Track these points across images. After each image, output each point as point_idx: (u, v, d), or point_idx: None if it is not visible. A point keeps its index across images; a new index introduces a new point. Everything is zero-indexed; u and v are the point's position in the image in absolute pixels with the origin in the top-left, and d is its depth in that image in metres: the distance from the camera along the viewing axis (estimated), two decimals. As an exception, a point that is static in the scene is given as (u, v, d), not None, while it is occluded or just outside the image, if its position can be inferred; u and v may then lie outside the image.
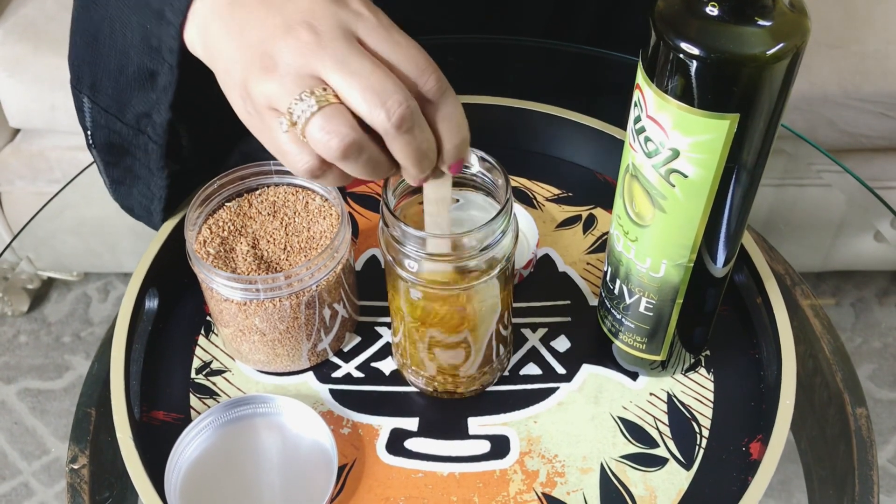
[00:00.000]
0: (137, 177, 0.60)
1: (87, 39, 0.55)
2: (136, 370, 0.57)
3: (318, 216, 0.56)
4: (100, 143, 0.59)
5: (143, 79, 0.53)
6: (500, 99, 0.70)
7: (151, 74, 0.53)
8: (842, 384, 0.61)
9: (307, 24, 0.41)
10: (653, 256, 0.48)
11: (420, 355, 0.54)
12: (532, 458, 0.53)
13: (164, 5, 0.48)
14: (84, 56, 0.56)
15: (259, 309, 0.52)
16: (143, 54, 0.52)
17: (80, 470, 0.56)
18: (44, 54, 1.21)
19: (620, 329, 0.54)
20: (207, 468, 0.52)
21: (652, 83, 0.41)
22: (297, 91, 0.41)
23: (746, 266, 0.60)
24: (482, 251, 0.47)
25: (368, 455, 0.54)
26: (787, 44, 0.38)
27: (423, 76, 0.42)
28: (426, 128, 0.43)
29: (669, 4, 0.40)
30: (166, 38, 0.49)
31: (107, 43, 0.54)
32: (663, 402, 0.56)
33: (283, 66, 0.42)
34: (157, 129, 0.55)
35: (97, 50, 0.55)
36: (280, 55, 0.42)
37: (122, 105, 0.56)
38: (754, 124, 0.41)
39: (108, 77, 0.55)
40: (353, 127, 0.41)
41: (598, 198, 0.68)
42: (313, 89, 0.41)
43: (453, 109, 0.43)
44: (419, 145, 0.42)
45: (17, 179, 1.32)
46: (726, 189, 0.44)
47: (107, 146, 0.59)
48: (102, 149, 0.59)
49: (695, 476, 0.53)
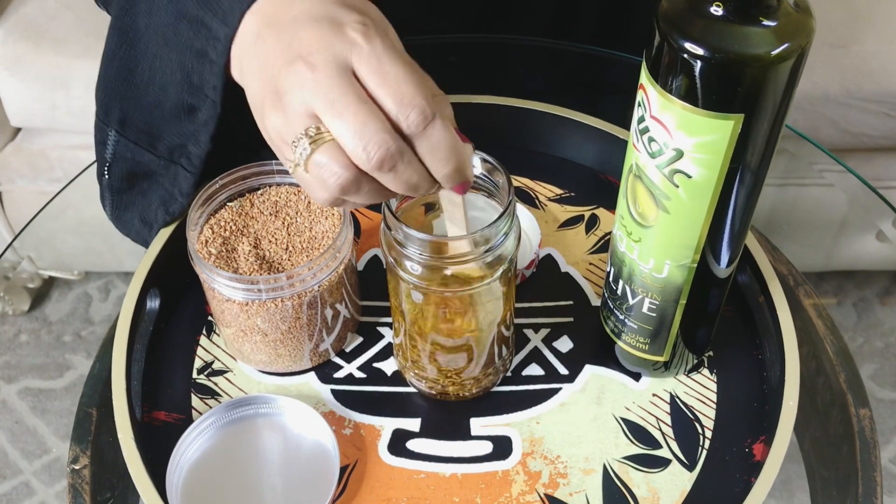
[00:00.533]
0: (149, 203, 0.60)
1: (122, 74, 0.56)
2: (137, 370, 0.57)
3: (321, 216, 0.56)
4: (117, 175, 0.60)
5: (181, 112, 0.54)
6: (502, 98, 0.69)
7: (191, 109, 0.53)
8: (845, 385, 0.61)
9: (304, 59, 0.42)
10: (656, 257, 0.48)
11: (422, 357, 0.53)
12: (534, 459, 0.53)
13: (207, 45, 0.49)
14: (117, 91, 0.56)
15: (261, 309, 0.52)
16: (182, 91, 0.53)
17: (82, 470, 0.56)
18: (45, 53, 1.21)
19: (623, 330, 0.54)
20: (209, 469, 0.52)
21: (656, 83, 0.41)
22: (299, 128, 0.43)
23: (750, 266, 0.59)
24: (485, 253, 0.47)
25: (370, 456, 0.54)
26: (791, 44, 0.38)
27: (404, 111, 0.42)
28: (413, 161, 0.43)
29: (673, 4, 0.40)
30: (209, 76, 0.51)
31: (144, 79, 0.55)
32: (666, 403, 0.56)
33: (286, 102, 0.43)
34: (194, 160, 0.56)
35: (132, 85, 0.55)
36: (284, 91, 0.43)
37: (155, 138, 0.57)
38: (759, 125, 0.41)
39: (141, 112, 0.56)
40: (345, 166, 0.42)
41: (600, 198, 0.68)
42: (307, 130, 0.42)
43: (439, 141, 0.43)
44: (407, 179, 0.43)
45: (18, 178, 1.32)
46: (730, 189, 0.44)
47: (126, 176, 0.60)
48: (118, 178, 0.60)
49: (698, 477, 0.52)
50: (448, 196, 0.47)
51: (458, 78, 0.80)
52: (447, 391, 0.55)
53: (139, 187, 0.60)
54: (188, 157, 0.56)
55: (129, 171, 0.59)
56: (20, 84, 1.22)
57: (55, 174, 1.31)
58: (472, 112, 0.69)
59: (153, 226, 0.61)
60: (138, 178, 0.60)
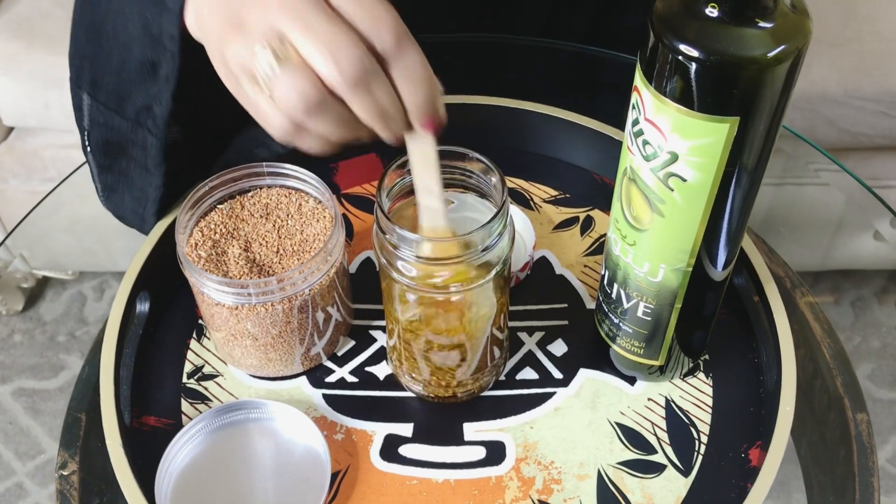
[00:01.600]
0: (132, 181, 0.59)
1: (88, 35, 0.55)
2: (126, 375, 0.57)
3: (312, 218, 0.55)
4: (96, 143, 0.59)
5: (146, 71, 0.53)
6: (496, 99, 0.69)
7: (153, 66, 0.52)
8: (842, 389, 0.60)
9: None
10: (651, 261, 0.47)
11: (415, 359, 0.53)
12: (528, 465, 0.53)
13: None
14: (85, 51, 0.56)
15: (251, 313, 0.51)
16: (144, 45, 0.52)
17: (70, 476, 0.55)
18: (38, 52, 1.20)
19: (618, 333, 0.53)
20: (199, 475, 0.52)
21: (650, 85, 0.40)
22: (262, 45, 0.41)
23: (746, 269, 0.59)
24: (480, 254, 0.46)
25: (362, 461, 0.53)
26: (788, 46, 0.37)
27: (377, 30, 0.41)
28: (386, 84, 0.42)
29: (668, 5, 0.39)
30: (167, 25, 0.49)
31: (109, 37, 0.54)
32: (661, 408, 0.55)
33: (248, 26, 0.42)
34: (158, 121, 0.54)
35: (99, 45, 0.55)
36: (248, 16, 0.42)
37: (123, 99, 0.56)
38: (755, 127, 0.40)
39: (109, 72, 0.55)
40: (314, 84, 0.41)
41: (595, 199, 0.67)
42: (270, 42, 0.41)
43: (413, 64, 0.42)
44: (378, 103, 0.42)
45: (11, 178, 1.32)
46: (726, 193, 0.43)
47: (103, 146, 0.58)
48: (98, 150, 0.59)
49: (693, 483, 0.52)
50: (420, 151, 0.45)
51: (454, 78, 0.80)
52: (440, 394, 0.55)
53: (119, 165, 0.59)
54: (153, 119, 0.55)
55: (105, 140, 0.58)
56: (13, 83, 1.21)
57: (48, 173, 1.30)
58: (467, 112, 0.68)
59: (145, 206, 0.60)
60: (115, 152, 0.59)
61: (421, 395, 0.56)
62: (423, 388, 0.55)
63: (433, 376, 0.54)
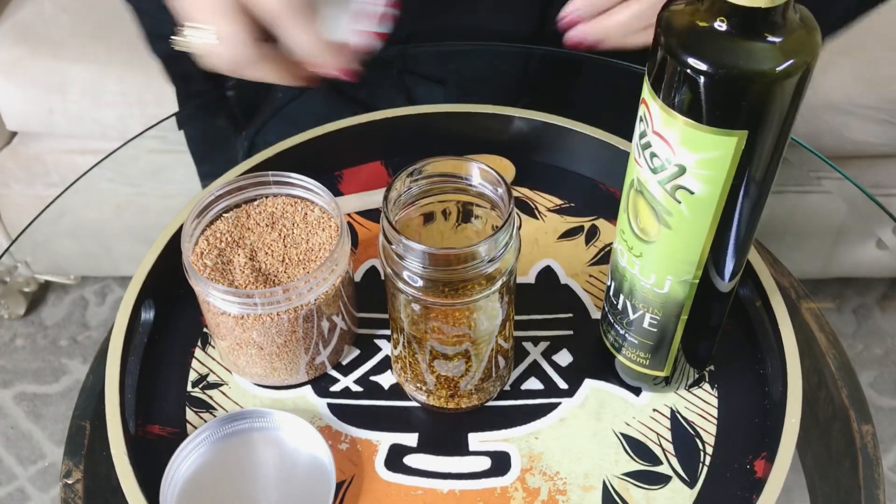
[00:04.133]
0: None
1: None
2: (131, 383, 0.56)
3: (317, 227, 0.55)
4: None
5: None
6: (501, 108, 0.69)
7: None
8: (847, 400, 0.60)
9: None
10: (657, 272, 0.47)
11: (420, 368, 0.53)
12: (533, 476, 0.53)
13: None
14: None
15: (256, 322, 0.51)
16: None
17: (75, 485, 0.55)
18: (41, 57, 1.20)
19: (623, 344, 0.53)
20: (203, 484, 0.51)
21: (658, 98, 0.40)
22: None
23: (751, 280, 0.59)
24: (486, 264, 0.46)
25: (367, 471, 0.53)
26: (797, 60, 0.37)
27: None
28: None
29: (676, 18, 0.39)
30: None
31: None
32: (666, 419, 0.55)
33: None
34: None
35: None
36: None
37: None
38: (763, 141, 0.40)
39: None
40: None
41: (600, 208, 0.67)
42: None
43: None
44: None
45: (14, 183, 1.32)
46: (733, 205, 0.43)
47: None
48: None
49: (698, 494, 0.52)
50: None
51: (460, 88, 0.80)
52: (445, 403, 0.55)
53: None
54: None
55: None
56: (17, 88, 1.21)
57: (51, 178, 1.30)
58: (473, 121, 0.68)
59: None
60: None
61: (425, 405, 0.56)
62: (427, 398, 0.55)
63: (438, 386, 0.54)
